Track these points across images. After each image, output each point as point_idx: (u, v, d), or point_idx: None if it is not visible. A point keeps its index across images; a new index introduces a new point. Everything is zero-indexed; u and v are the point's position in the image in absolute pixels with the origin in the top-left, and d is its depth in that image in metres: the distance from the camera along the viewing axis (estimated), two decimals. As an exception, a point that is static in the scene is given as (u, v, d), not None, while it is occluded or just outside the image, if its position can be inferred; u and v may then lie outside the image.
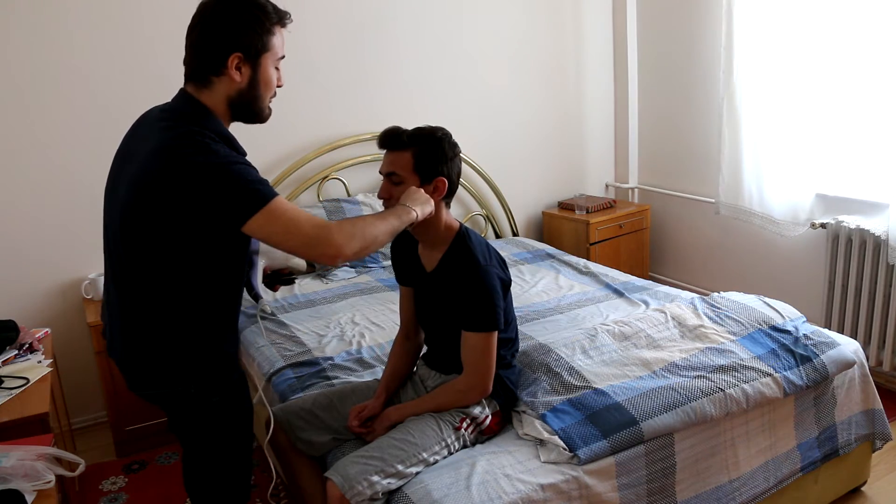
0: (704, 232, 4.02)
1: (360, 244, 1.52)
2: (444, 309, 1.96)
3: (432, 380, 2.07)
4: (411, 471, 1.77)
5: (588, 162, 4.38)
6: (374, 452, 1.78)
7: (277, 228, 1.44)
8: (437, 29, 3.73)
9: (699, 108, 3.88)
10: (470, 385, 1.90)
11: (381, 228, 1.60)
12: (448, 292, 1.91)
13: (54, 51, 2.89)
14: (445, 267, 1.92)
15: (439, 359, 2.06)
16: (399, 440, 1.82)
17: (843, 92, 3.11)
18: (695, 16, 3.82)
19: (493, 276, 1.87)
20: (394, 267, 2.14)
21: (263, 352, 2.58)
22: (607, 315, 2.73)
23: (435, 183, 1.84)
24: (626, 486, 1.86)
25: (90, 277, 3.04)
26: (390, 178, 1.84)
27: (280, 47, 1.60)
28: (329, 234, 1.47)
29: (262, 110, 1.63)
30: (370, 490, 1.70)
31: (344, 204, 3.48)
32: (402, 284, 2.12)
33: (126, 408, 2.90)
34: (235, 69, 1.53)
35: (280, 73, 1.64)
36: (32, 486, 1.56)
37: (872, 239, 3.03)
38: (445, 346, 2.01)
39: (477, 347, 1.87)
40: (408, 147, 1.83)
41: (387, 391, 2.04)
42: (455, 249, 1.91)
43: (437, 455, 1.83)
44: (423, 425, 1.86)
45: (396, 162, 1.83)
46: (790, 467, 2.19)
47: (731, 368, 2.14)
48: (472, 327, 1.86)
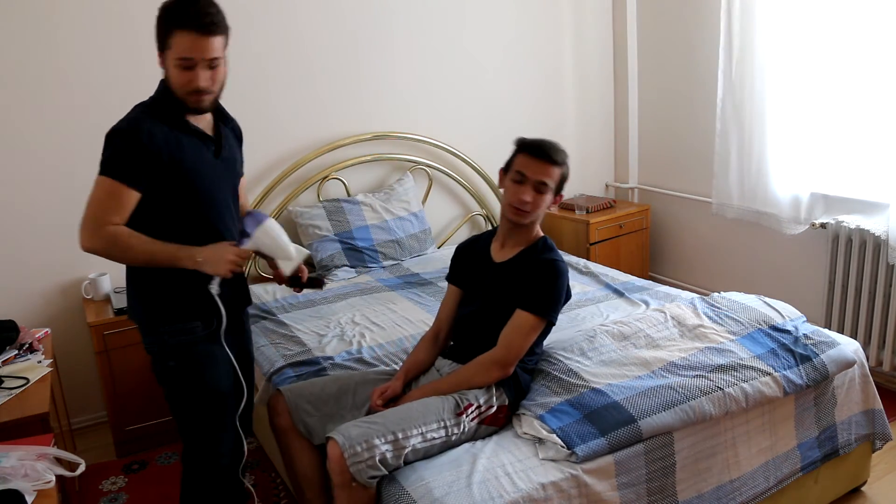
0: (704, 232, 4.02)
1: (102, 245, 1.73)
2: (499, 296, 2.06)
3: (448, 368, 2.13)
4: (410, 442, 1.81)
5: (588, 162, 4.38)
6: (376, 419, 1.85)
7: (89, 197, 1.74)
8: (438, 29, 3.73)
9: (699, 108, 3.88)
10: (496, 357, 1.99)
11: (145, 248, 1.75)
12: (515, 278, 2.05)
13: (53, 51, 2.89)
14: (522, 257, 2.09)
15: (462, 352, 2.13)
16: (403, 410, 1.89)
17: (843, 91, 3.11)
18: (694, 16, 3.82)
19: (567, 276, 2.06)
20: (453, 264, 2.27)
21: (263, 352, 2.58)
22: (607, 315, 2.73)
23: (557, 197, 2.10)
24: (626, 486, 1.86)
25: (90, 277, 3.04)
26: (540, 186, 2.02)
27: (182, 48, 1.70)
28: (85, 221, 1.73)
29: (183, 100, 1.77)
30: (368, 453, 1.75)
31: (344, 204, 3.48)
32: (454, 284, 2.24)
33: (126, 408, 2.91)
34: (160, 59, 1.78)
35: (193, 73, 1.72)
36: (32, 486, 1.56)
37: (872, 239, 3.03)
38: (475, 340, 2.09)
39: (522, 326, 1.99)
40: (561, 165, 2.05)
41: (406, 376, 2.13)
42: (538, 246, 2.10)
43: (434, 433, 1.86)
44: (426, 401, 1.93)
45: (551, 174, 2.03)
46: (790, 467, 2.19)
47: (731, 368, 2.14)
48: (529, 307, 1.99)
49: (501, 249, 2.14)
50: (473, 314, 2.14)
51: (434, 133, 3.74)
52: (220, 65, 1.78)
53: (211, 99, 1.80)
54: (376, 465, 1.75)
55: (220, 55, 1.76)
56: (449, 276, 2.28)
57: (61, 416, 2.56)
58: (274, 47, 3.33)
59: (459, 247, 2.30)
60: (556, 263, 2.04)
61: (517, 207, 2.02)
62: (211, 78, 1.75)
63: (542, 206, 2.05)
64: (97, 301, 3.03)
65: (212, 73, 1.75)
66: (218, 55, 1.74)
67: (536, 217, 2.07)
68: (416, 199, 3.70)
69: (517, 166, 2.04)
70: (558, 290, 2.03)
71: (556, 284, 2.02)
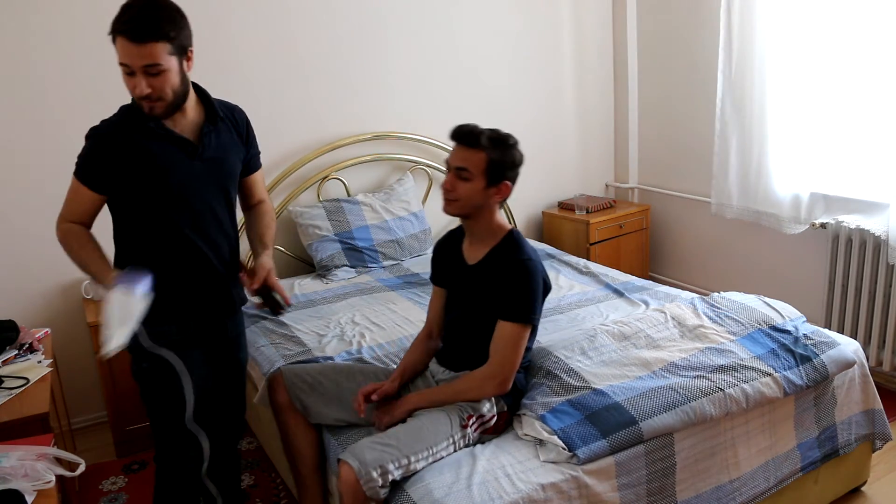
0: (704, 232, 4.02)
1: (59, 240, 1.83)
2: (475, 302, 2.01)
3: (442, 375, 2.11)
4: (420, 464, 1.80)
5: (588, 162, 4.38)
6: (389, 441, 1.80)
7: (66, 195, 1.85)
8: (438, 28, 3.73)
9: (699, 108, 3.88)
10: (492, 374, 1.94)
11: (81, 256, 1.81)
12: (489, 283, 1.97)
13: (48, 49, 2.89)
14: (492, 259, 2.00)
15: (453, 356, 2.11)
16: (414, 431, 1.85)
17: (843, 91, 3.11)
18: (694, 16, 3.81)
19: (540, 272, 1.97)
20: (433, 265, 2.22)
21: (263, 352, 2.58)
22: (607, 315, 2.73)
23: (500, 186, 1.95)
24: (626, 486, 1.86)
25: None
26: (460, 172, 1.92)
27: (120, 55, 1.68)
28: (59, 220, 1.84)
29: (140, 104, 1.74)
30: (383, 479, 1.72)
31: (344, 204, 3.48)
32: (437, 284, 2.20)
33: (126, 408, 2.90)
34: None
35: (135, 80, 1.69)
36: (32, 486, 1.56)
37: (872, 239, 3.03)
38: (463, 343, 2.06)
39: (508, 338, 1.93)
40: (484, 149, 1.92)
41: (402, 377, 2.11)
42: (505, 244, 2.01)
43: (443, 451, 1.85)
44: (435, 419, 1.90)
45: (470, 159, 1.92)
46: (790, 467, 2.19)
47: (731, 368, 2.14)
48: (509, 316, 1.93)
49: (471, 248, 2.07)
50: (457, 320, 2.10)
51: (434, 133, 3.74)
52: (165, 72, 1.68)
53: (163, 106, 1.73)
54: (387, 483, 1.75)
55: (160, 62, 1.66)
56: (431, 276, 2.24)
57: (61, 416, 2.56)
58: (274, 47, 3.33)
59: (436, 246, 2.24)
60: (527, 263, 1.95)
61: (443, 197, 1.97)
62: (153, 85, 1.68)
63: (469, 194, 1.92)
64: (97, 301, 3.02)
65: (153, 81, 1.68)
66: (155, 62, 1.65)
67: (469, 206, 1.95)
68: (416, 199, 3.70)
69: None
70: (534, 291, 1.94)
71: (531, 286, 1.94)
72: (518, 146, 1.99)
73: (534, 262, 1.96)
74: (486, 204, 1.97)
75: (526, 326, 1.94)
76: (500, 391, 1.95)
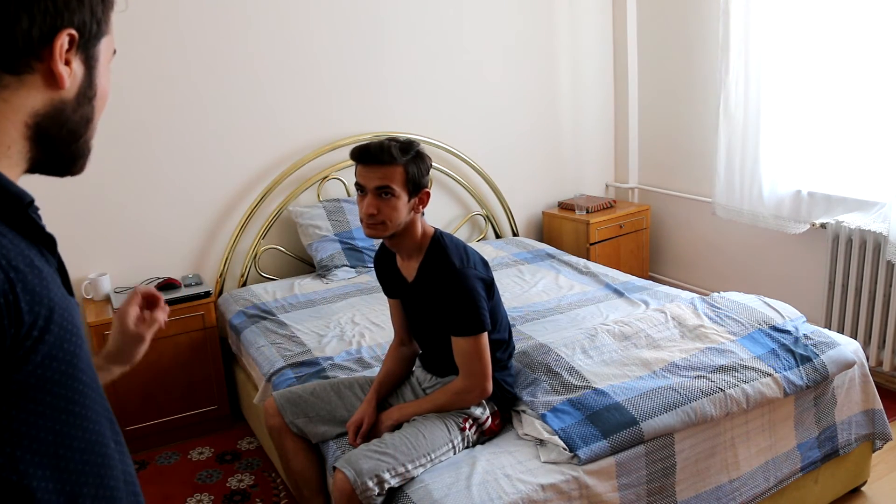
0: (704, 232, 4.02)
1: None
2: (430, 317, 1.97)
3: (428, 382, 2.09)
4: (419, 471, 1.79)
5: (588, 162, 4.38)
6: (386, 449, 1.78)
7: None
8: (437, 28, 3.73)
9: (699, 108, 3.88)
10: (467, 388, 1.90)
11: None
12: (431, 300, 1.92)
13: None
14: (424, 275, 1.93)
15: (435, 363, 2.08)
16: (411, 439, 1.83)
17: (842, 91, 3.11)
18: (694, 16, 3.81)
19: (472, 277, 1.87)
20: (379, 281, 2.16)
21: (263, 352, 2.58)
22: (607, 315, 2.73)
23: (420, 195, 1.87)
24: (626, 486, 1.86)
25: (90, 277, 3.03)
26: (381, 192, 1.81)
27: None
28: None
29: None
30: (379, 487, 1.71)
31: (344, 204, 3.48)
32: (389, 296, 2.14)
33: (126, 408, 2.90)
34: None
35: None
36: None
37: (872, 239, 3.03)
38: (439, 351, 2.01)
39: (468, 351, 1.88)
40: (399, 162, 1.81)
41: (377, 395, 2.05)
42: (431, 256, 1.92)
43: (443, 456, 1.85)
44: (432, 426, 1.88)
45: (389, 176, 1.80)
46: (790, 467, 2.19)
47: (731, 368, 2.14)
48: (459, 332, 1.87)
49: (404, 263, 2.00)
50: (422, 329, 2.06)
51: (434, 133, 3.74)
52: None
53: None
54: (384, 492, 1.74)
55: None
56: (383, 290, 2.15)
57: (61, 417, 2.56)
58: (274, 47, 3.33)
59: (374, 262, 2.16)
60: (457, 274, 1.85)
61: (367, 223, 1.85)
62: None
63: (398, 211, 1.82)
64: (97, 301, 3.03)
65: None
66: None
67: (399, 225, 1.85)
68: (416, 198, 3.69)
69: (356, 178, 1.86)
70: (473, 300, 1.85)
71: (469, 296, 1.84)
72: (424, 149, 1.92)
73: (463, 270, 1.86)
74: (412, 219, 1.89)
75: (479, 336, 1.87)
76: (483, 397, 1.93)
